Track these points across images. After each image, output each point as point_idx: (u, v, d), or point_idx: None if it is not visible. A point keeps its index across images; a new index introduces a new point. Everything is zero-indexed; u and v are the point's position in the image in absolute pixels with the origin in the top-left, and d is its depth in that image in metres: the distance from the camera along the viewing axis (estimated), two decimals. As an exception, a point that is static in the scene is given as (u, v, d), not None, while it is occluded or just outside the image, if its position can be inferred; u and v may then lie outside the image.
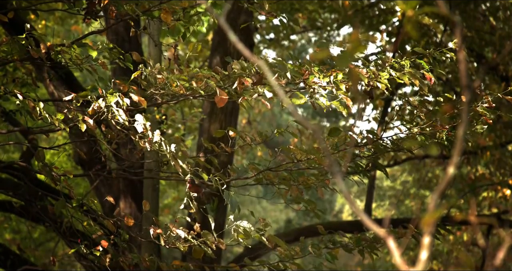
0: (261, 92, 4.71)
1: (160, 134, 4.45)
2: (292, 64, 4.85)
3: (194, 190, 4.62)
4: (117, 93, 4.48)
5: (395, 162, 13.25)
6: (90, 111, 4.43)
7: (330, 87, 4.78)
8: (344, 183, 1.57)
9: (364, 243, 5.19)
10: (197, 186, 4.62)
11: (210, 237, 4.70)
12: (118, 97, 4.44)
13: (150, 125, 4.51)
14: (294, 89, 4.94)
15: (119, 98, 4.45)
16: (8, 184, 7.50)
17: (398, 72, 4.90)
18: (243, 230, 4.68)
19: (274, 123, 22.23)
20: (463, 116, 1.62)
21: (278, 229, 23.99)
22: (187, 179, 4.56)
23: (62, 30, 14.51)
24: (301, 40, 18.37)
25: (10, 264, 8.08)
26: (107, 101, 4.41)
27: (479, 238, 11.88)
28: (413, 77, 4.89)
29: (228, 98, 4.68)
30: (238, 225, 4.70)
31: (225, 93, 4.61)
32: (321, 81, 4.77)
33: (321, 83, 4.78)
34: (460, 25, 1.50)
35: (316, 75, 4.77)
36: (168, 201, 16.14)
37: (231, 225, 4.71)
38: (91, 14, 4.88)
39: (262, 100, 4.71)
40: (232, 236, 4.74)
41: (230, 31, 1.73)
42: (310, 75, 4.77)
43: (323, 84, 4.78)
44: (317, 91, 4.78)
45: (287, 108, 4.96)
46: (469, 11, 10.97)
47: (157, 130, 4.46)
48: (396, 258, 1.54)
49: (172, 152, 4.42)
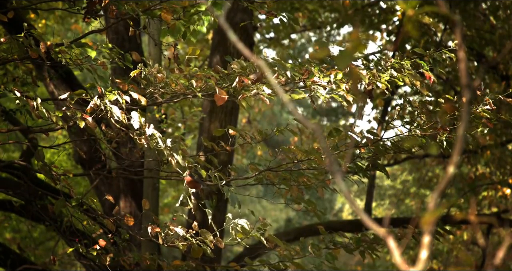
0: (260, 90, 4.71)
1: (155, 129, 4.45)
2: (292, 64, 4.85)
3: (192, 186, 4.61)
4: (116, 91, 4.48)
5: (395, 161, 13.25)
6: (89, 109, 4.43)
7: (330, 86, 4.78)
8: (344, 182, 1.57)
9: (365, 244, 5.19)
10: (196, 182, 4.61)
11: (208, 236, 4.71)
12: (117, 95, 4.44)
13: (145, 121, 4.52)
14: (293, 88, 4.94)
15: (119, 96, 4.45)
16: (8, 183, 7.50)
17: (399, 73, 4.90)
18: (241, 228, 4.68)
19: (274, 122, 22.23)
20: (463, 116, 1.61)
21: (278, 228, 24.00)
22: (185, 174, 4.56)
23: (62, 29, 14.51)
24: (301, 39, 18.38)
25: (10, 263, 8.08)
26: (104, 99, 4.41)
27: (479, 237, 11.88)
28: (414, 78, 4.89)
29: (227, 97, 4.69)
30: (236, 223, 4.70)
31: (224, 92, 4.62)
32: (321, 80, 4.77)
33: (321, 82, 4.78)
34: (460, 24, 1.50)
35: (316, 75, 4.77)
36: (168, 200, 16.14)
37: (229, 223, 4.71)
38: (91, 13, 4.88)
39: (262, 97, 4.71)
40: (231, 235, 4.74)
41: (230, 31, 1.73)
42: (310, 75, 4.77)
43: (323, 83, 4.78)
44: (317, 90, 4.78)
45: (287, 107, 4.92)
46: (469, 10, 10.97)
47: (151, 125, 4.46)
48: (396, 257, 1.54)
49: (168, 147, 4.41)
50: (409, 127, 5.11)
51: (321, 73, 4.80)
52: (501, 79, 11.60)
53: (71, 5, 4.97)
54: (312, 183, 5.10)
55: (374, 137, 5.07)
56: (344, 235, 5.37)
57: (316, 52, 5.18)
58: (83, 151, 7.89)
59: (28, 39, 4.63)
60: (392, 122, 5.23)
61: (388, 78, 4.87)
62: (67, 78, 7.82)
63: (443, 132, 4.95)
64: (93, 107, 4.43)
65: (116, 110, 4.39)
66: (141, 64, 4.75)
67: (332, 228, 8.89)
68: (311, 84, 4.77)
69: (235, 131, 5.03)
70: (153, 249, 7.30)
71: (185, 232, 4.68)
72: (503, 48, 10.91)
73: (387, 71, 4.90)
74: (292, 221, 24.43)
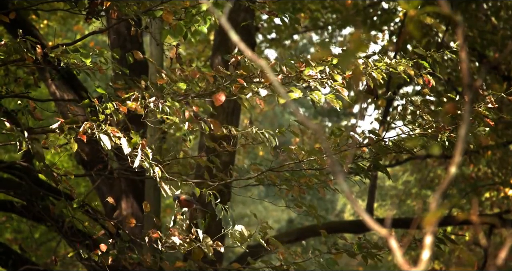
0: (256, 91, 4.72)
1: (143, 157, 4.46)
2: (290, 58, 4.87)
3: (185, 205, 4.68)
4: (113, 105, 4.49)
5: (397, 162, 13.23)
6: (81, 131, 4.43)
7: (326, 79, 4.78)
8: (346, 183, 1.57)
9: (365, 250, 5.19)
10: (188, 201, 4.67)
11: (208, 241, 4.72)
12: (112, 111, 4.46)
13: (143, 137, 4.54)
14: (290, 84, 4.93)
15: (114, 115, 4.47)
16: (9, 183, 7.50)
17: (394, 64, 4.90)
18: (239, 233, 4.70)
19: (276, 123, 22.22)
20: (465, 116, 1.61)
21: (280, 228, 23.98)
22: (176, 195, 4.62)
23: (64, 30, 14.51)
24: (303, 40, 18.37)
25: (12, 264, 8.08)
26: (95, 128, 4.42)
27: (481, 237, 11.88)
28: (408, 69, 4.90)
29: (228, 97, 4.70)
30: (235, 230, 4.72)
31: (223, 93, 4.63)
32: (317, 74, 4.78)
33: (316, 76, 4.79)
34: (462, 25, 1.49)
35: (312, 68, 4.77)
36: (170, 201, 16.13)
37: (227, 230, 4.73)
38: (93, 14, 4.88)
39: (257, 99, 4.72)
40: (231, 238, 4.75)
41: (231, 31, 1.73)
42: (306, 68, 4.77)
43: (319, 77, 4.79)
44: (313, 85, 4.78)
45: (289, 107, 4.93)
46: (471, 10, 10.97)
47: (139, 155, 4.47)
48: (398, 258, 1.54)
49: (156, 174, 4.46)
50: (411, 127, 5.11)
51: (317, 64, 4.80)
52: (502, 80, 11.59)
53: (72, 6, 4.97)
54: (314, 183, 5.09)
55: (376, 137, 5.07)
56: (345, 238, 5.36)
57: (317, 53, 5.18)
58: (85, 152, 7.88)
59: (26, 42, 4.62)
60: (394, 122, 5.22)
61: (384, 67, 4.87)
62: (69, 79, 7.82)
63: (445, 132, 4.94)
64: (84, 131, 4.43)
65: (105, 139, 4.39)
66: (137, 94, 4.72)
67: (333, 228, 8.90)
68: (307, 79, 4.77)
69: (237, 132, 5.03)
70: (155, 250, 7.29)
71: (185, 236, 4.70)
72: (505, 49, 10.90)
73: (383, 61, 4.90)
74: (294, 221, 24.41)
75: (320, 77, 4.79)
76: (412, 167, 16.00)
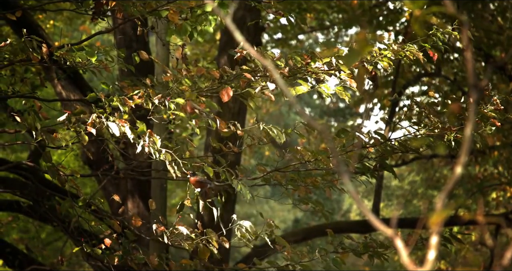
0: (264, 85, 4.72)
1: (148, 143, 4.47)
2: (294, 52, 4.89)
3: (198, 186, 4.64)
4: (119, 98, 4.50)
5: (403, 162, 13.22)
6: (89, 123, 4.44)
7: (332, 71, 4.79)
8: (352, 183, 1.57)
9: (371, 250, 5.19)
10: (201, 182, 4.64)
11: (214, 235, 4.72)
12: (119, 104, 4.46)
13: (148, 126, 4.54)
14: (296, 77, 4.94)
15: (121, 106, 4.47)
16: (16, 183, 7.52)
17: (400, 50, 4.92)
18: (246, 229, 4.69)
19: (282, 123, 22.21)
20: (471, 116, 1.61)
21: (286, 228, 23.98)
22: (188, 175, 4.59)
23: (70, 30, 14.53)
24: (309, 40, 18.36)
25: (18, 263, 8.10)
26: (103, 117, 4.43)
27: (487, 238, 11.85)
28: (416, 53, 4.91)
29: (234, 96, 4.70)
30: (241, 225, 4.71)
31: (230, 89, 4.64)
32: (324, 66, 4.79)
33: (323, 68, 4.79)
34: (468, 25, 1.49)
35: (318, 60, 4.78)
36: (176, 200, 16.15)
37: (235, 224, 4.72)
38: (99, 14, 4.88)
39: (267, 92, 4.72)
40: (238, 236, 4.75)
41: (237, 31, 1.73)
42: (312, 60, 4.78)
43: (325, 68, 4.80)
44: (321, 77, 4.79)
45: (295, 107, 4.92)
46: (477, 10, 10.95)
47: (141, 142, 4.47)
48: (404, 257, 1.54)
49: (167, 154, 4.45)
50: (416, 127, 5.11)
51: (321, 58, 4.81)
52: (508, 80, 11.57)
53: (78, 6, 4.97)
54: (320, 183, 5.09)
55: (382, 137, 5.06)
56: (352, 237, 5.37)
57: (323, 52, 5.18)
58: (91, 152, 7.89)
59: (31, 42, 4.63)
60: (399, 123, 5.22)
61: (390, 55, 4.87)
62: (75, 79, 7.83)
63: (451, 132, 4.94)
64: (93, 122, 4.44)
65: (113, 127, 4.40)
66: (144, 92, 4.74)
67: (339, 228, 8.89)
68: (314, 71, 4.78)
69: (243, 132, 5.03)
70: (161, 250, 7.30)
71: (190, 231, 4.69)
72: (511, 49, 10.89)
73: (389, 48, 4.91)
74: (300, 221, 24.40)
75: (327, 69, 4.80)
76: (418, 167, 15.99)
